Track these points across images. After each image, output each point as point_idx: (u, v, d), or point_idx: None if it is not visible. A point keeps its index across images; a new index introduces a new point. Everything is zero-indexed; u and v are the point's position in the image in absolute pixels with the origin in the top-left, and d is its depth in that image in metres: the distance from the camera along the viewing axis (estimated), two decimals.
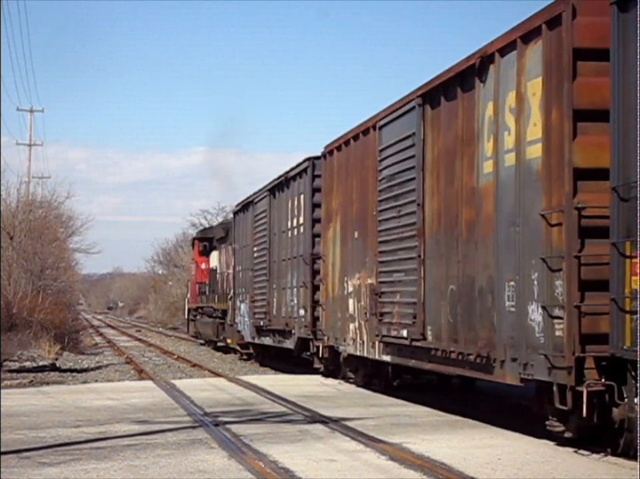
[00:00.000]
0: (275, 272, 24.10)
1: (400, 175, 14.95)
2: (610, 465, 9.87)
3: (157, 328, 71.23)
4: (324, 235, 19.80)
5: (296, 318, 21.75)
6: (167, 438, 11.64)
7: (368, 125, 16.78)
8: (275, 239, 24.18)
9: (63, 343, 33.83)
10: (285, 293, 22.96)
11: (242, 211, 29.23)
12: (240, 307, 29.10)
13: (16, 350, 28.06)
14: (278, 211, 23.92)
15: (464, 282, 12.62)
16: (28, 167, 57.09)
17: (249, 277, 27.14)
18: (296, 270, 21.96)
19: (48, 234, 44.69)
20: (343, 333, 18.16)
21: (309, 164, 21.11)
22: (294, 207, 22.28)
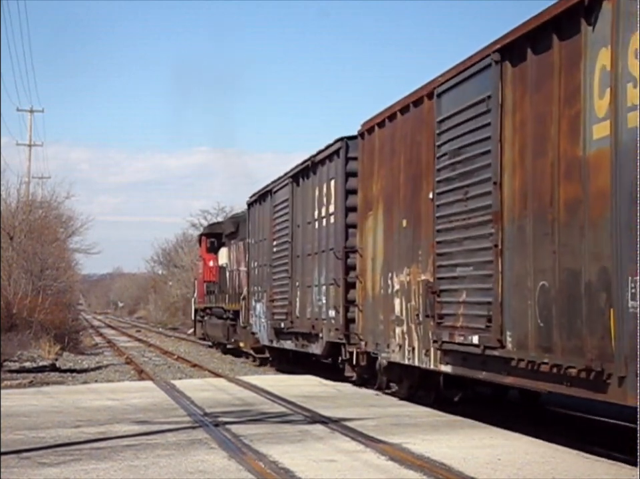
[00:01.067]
0: (299, 268, 21.83)
1: (467, 149, 12.50)
2: (610, 465, 9.87)
3: (157, 328, 71.26)
4: (361, 226, 17.42)
5: (324, 320, 19.48)
6: (167, 439, 11.63)
7: (421, 94, 14.39)
8: (298, 231, 21.95)
9: (63, 343, 33.87)
10: (311, 291, 20.67)
11: (258, 202, 26.77)
12: (255, 307, 26.82)
13: (16, 351, 28.08)
14: (302, 200, 21.63)
15: (562, 277, 10.11)
16: (28, 168, 57.24)
17: (267, 274, 24.88)
18: (324, 266, 19.68)
19: (48, 234, 44.71)
20: (386, 338, 15.81)
21: (342, 145, 18.62)
22: (322, 195, 19.94)
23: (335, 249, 18.72)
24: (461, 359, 12.83)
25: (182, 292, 72.59)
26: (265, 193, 25.50)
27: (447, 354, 13.26)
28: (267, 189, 25.22)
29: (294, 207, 22.19)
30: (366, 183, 17.17)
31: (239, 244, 31.23)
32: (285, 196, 22.94)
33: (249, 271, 27.88)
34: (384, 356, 16.03)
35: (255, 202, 27.16)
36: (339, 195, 18.72)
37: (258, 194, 26.49)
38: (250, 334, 27.56)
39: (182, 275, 73.82)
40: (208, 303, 37.84)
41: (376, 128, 16.65)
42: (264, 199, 25.76)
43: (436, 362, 13.71)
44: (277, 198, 23.85)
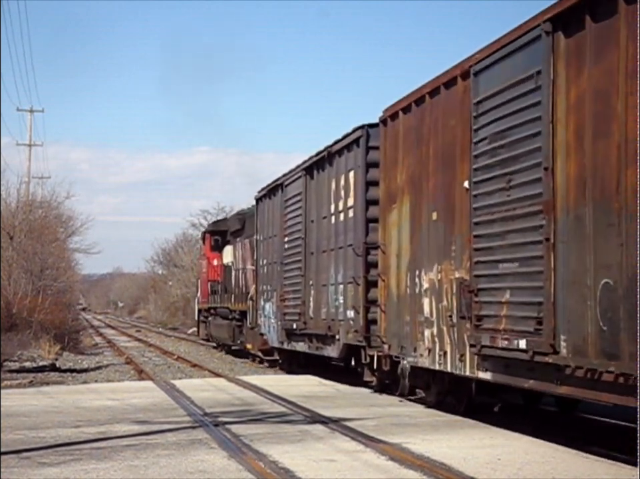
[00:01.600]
0: (313, 266, 20.46)
1: (512, 132, 11.15)
2: (610, 465, 9.88)
3: (157, 328, 71.25)
4: (384, 220, 16.00)
5: (342, 321, 18.05)
6: (167, 438, 11.64)
7: (453, 74, 13.07)
8: (312, 226, 20.56)
9: (63, 343, 33.85)
10: (327, 290, 19.24)
11: (267, 197, 25.21)
12: (264, 308, 25.29)
13: (16, 351, 28.06)
14: (317, 193, 20.25)
15: (630, 274, 8.90)
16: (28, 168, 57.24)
17: (277, 272, 23.41)
18: (342, 263, 18.25)
19: (48, 234, 44.71)
20: (413, 341, 14.45)
21: (362, 133, 17.23)
22: (339, 187, 18.58)
23: (354, 245, 17.38)
24: (503, 366, 11.52)
25: (182, 292, 72.62)
26: (275, 187, 24.03)
27: (486, 360, 11.89)
28: (277, 182, 23.76)
29: (307, 201, 20.86)
30: (390, 174, 15.76)
31: (245, 242, 30.15)
32: (297, 190, 21.57)
33: (257, 269, 26.45)
34: (410, 360, 14.64)
35: (264, 197, 25.69)
36: (359, 188, 17.38)
37: (267, 188, 25.03)
38: (258, 335, 26.23)
39: (182, 275, 73.83)
40: (212, 303, 36.40)
41: (400, 113, 15.27)
42: (274, 194, 24.29)
43: (473, 369, 12.29)
44: (289, 192, 22.41)
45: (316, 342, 20.15)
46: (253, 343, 27.60)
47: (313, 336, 20.35)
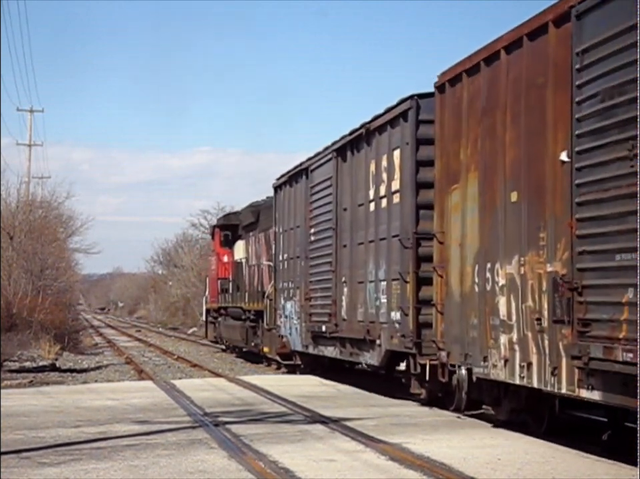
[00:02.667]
0: (346, 260, 18.00)
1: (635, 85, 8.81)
2: (610, 465, 9.88)
3: (157, 328, 71.27)
4: (441, 204, 13.62)
5: (384, 323, 15.72)
6: (167, 438, 11.64)
7: (542, 20, 10.76)
8: (345, 215, 18.14)
9: (63, 343, 33.88)
10: (364, 288, 16.86)
11: (288, 184, 22.73)
12: (284, 307, 22.98)
13: (16, 350, 28.09)
14: (351, 177, 17.82)
15: None
16: (28, 168, 57.25)
17: (301, 267, 21.20)
18: (384, 257, 15.86)
19: (48, 234, 44.72)
20: (482, 348, 12.03)
21: (411, 105, 14.82)
22: (380, 169, 16.12)
23: (401, 235, 14.97)
24: (620, 384, 9.18)
25: (182, 292, 72.64)
26: (299, 173, 21.61)
27: (593, 376, 9.58)
28: (301, 167, 21.34)
29: (339, 186, 18.49)
30: (449, 150, 13.39)
31: (260, 236, 28.18)
32: (326, 175, 19.27)
33: (275, 265, 24.15)
34: (478, 371, 12.21)
35: (285, 184, 23.08)
36: (407, 169, 14.93)
37: (288, 174, 22.56)
38: (277, 337, 23.90)
39: (182, 275, 73.83)
40: (223, 303, 33.88)
41: (464, 76, 12.80)
42: (297, 180, 21.88)
43: (572, 386, 10.01)
44: (316, 178, 20.13)
45: (350, 348, 17.76)
46: (270, 346, 25.40)
47: (347, 341, 17.95)
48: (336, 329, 18.36)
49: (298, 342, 21.62)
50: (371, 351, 16.55)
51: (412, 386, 15.19)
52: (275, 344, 24.23)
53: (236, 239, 32.96)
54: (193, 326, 63.60)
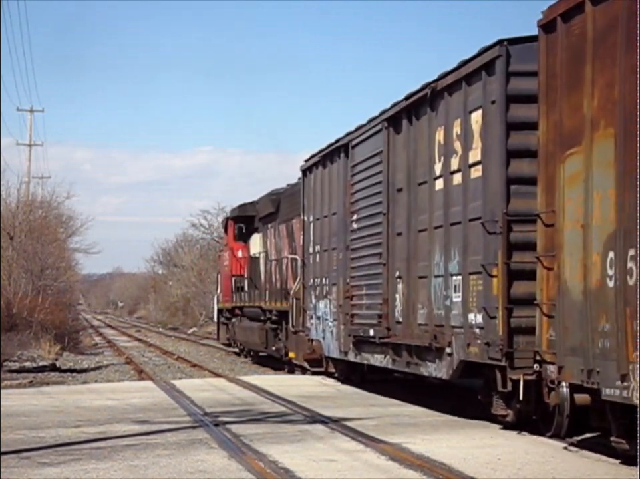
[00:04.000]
0: (402, 251, 15.12)
1: None
2: (610, 465, 9.88)
3: (157, 328, 71.27)
4: (548, 176, 10.90)
5: (458, 328, 12.93)
6: (167, 438, 11.64)
7: None
8: (400, 197, 15.32)
9: (63, 343, 33.90)
10: (428, 285, 14.01)
11: (320, 165, 19.90)
12: (316, 307, 20.20)
13: (16, 350, 28.10)
14: (408, 151, 14.95)
15: None
16: (28, 168, 57.32)
17: (339, 261, 18.34)
18: (457, 245, 13.04)
19: (48, 234, 44.73)
20: (622, 363, 9.08)
21: (500, 53, 11.97)
22: (451, 138, 13.33)
23: (484, 217, 12.21)
24: None
25: (182, 292, 72.63)
26: (335, 151, 18.75)
27: None
28: (337, 144, 18.49)
29: (391, 163, 15.65)
30: (562, 104, 10.66)
31: (281, 227, 25.53)
32: (373, 149, 16.41)
33: (304, 259, 21.33)
34: (611, 393, 9.32)
35: (316, 166, 20.24)
36: (492, 134, 12.19)
37: (322, 154, 19.67)
38: (306, 341, 21.10)
39: (182, 274, 73.83)
40: (238, 302, 30.69)
41: (587, 5, 10.04)
42: (332, 160, 19.05)
43: None
44: (358, 154, 17.30)
45: (407, 356, 14.91)
46: (297, 350, 22.55)
47: (402, 348, 15.08)
48: (388, 334, 15.50)
49: (334, 347, 18.76)
50: (438, 361, 13.67)
51: (494, 405, 12.46)
52: (302, 348, 21.66)
53: (252, 232, 30.06)
54: (193, 327, 63.63)
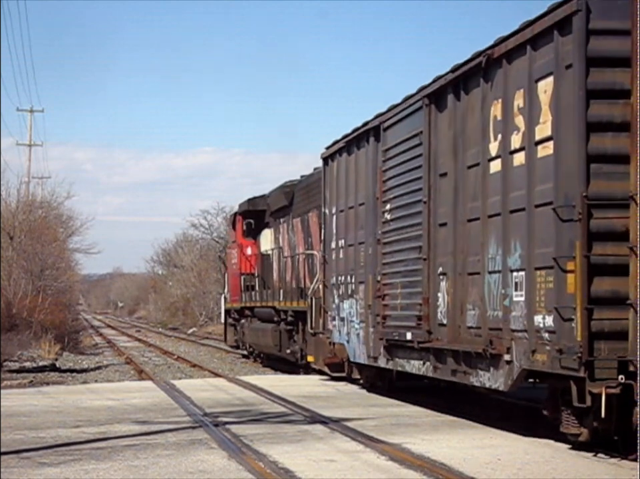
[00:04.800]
0: (446, 244, 13.28)
1: None
2: (610, 465, 9.88)
3: (157, 328, 71.30)
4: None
5: (520, 331, 11.09)
6: (167, 439, 11.64)
7: None
8: (443, 183, 13.45)
9: (63, 343, 33.93)
10: (481, 282, 12.14)
11: (345, 152, 17.93)
12: (339, 307, 18.22)
13: (16, 351, 28.12)
14: (454, 129, 13.05)
15: None
16: (28, 168, 57.47)
17: (368, 256, 16.48)
18: (520, 235, 11.16)
19: (48, 234, 44.75)
20: None
21: (579, 7, 10.17)
22: (511, 112, 11.46)
23: (557, 202, 10.46)
24: None
25: (182, 292, 72.66)
26: (363, 135, 16.91)
27: None
28: (366, 127, 16.65)
29: (433, 144, 13.82)
30: None
31: (295, 221, 24.09)
32: (410, 131, 14.64)
33: (324, 255, 19.42)
34: None
35: (339, 153, 18.34)
36: (567, 105, 10.43)
37: (346, 139, 17.77)
38: (327, 344, 19.20)
39: (182, 275, 73.86)
40: (247, 302, 28.88)
41: None
42: (359, 145, 17.23)
43: None
44: (392, 137, 15.50)
45: (453, 363, 12.99)
46: (316, 354, 20.67)
47: (448, 354, 13.17)
48: (429, 338, 13.67)
49: (361, 351, 16.89)
50: (493, 370, 11.86)
51: (563, 422, 10.76)
52: (323, 352, 19.78)
53: (262, 228, 28.39)
54: (193, 327, 63.68)
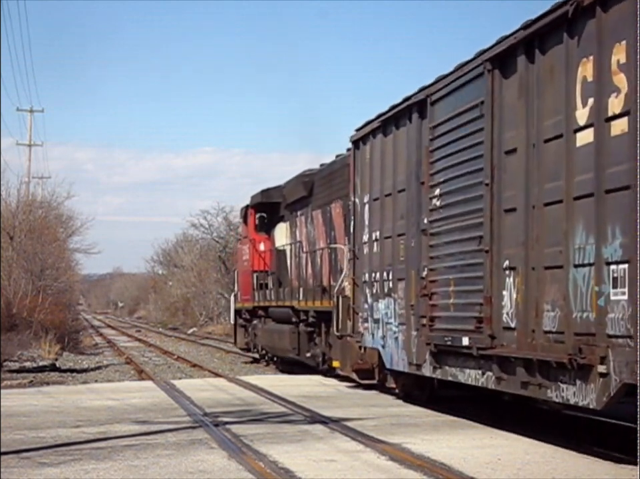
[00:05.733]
0: (516, 233, 11.15)
1: None
2: (610, 465, 9.88)
3: (157, 328, 71.30)
4: None
5: (621, 337, 9.17)
6: (167, 438, 11.64)
7: None
8: (512, 162, 11.35)
9: (63, 343, 33.94)
10: (564, 277, 10.10)
11: (380, 133, 15.97)
12: (372, 308, 16.30)
13: (16, 351, 28.11)
14: (527, 98, 11.00)
15: None
16: (28, 168, 57.46)
17: (409, 249, 14.52)
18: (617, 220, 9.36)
19: (48, 234, 44.76)
20: None
21: None
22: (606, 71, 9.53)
23: None
24: None
25: (182, 292, 72.67)
26: (403, 112, 14.93)
27: None
28: (409, 102, 14.64)
29: (498, 116, 11.77)
30: None
31: (316, 214, 22.35)
32: (467, 102, 12.60)
33: (353, 249, 17.58)
34: None
35: (372, 134, 16.43)
36: None
37: (382, 118, 15.82)
38: (356, 349, 17.45)
39: (182, 274, 73.87)
40: (261, 301, 26.86)
41: None
42: (398, 124, 15.27)
43: None
44: (441, 112, 13.54)
45: (525, 375, 10.89)
46: (343, 359, 18.91)
47: (518, 363, 11.03)
48: (491, 344, 11.65)
49: (400, 357, 14.97)
50: (581, 384, 9.95)
51: None
52: (352, 358, 17.95)
53: (277, 222, 26.67)
54: (193, 327, 63.68)
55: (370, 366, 16.98)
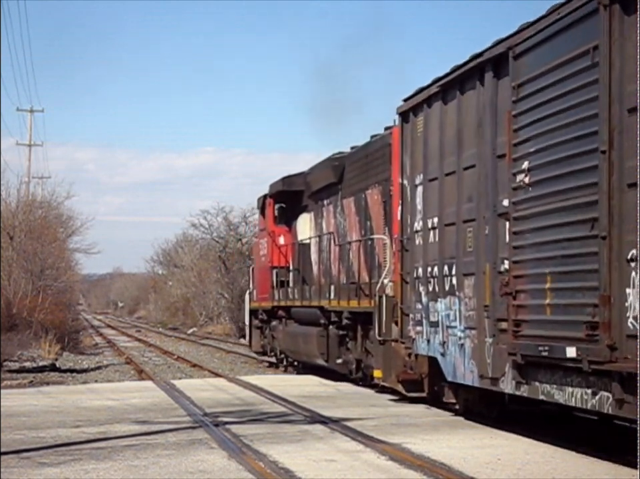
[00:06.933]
0: None
1: None
2: (610, 465, 9.87)
3: (157, 328, 71.29)
4: None
5: None
6: (167, 438, 11.64)
7: None
8: (635, 123, 8.75)
9: (63, 343, 33.92)
10: None
11: (439, 100, 13.58)
12: (428, 308, 13.93)
13: (16, 351, 28.10)
14: None
15: None
16: (28, 168, 57.44)
17: (480, 238, 12.08)
18: None
19: (48, 234, 44.73)
20: None
21: None
22: None
23: None
24: None
25: (182, 292, 72.62)
26: (472, 73, 12.52)
27: None
28: (479, 60, 12.24)
29: (618, 65, 9.12)
30: None
31: (346, 202, 20.22)
32: (569, 51, 9.92)
33: (402, 240, 15.27)
34: None
35: (427, 103, 14.17)
36: None
37: (441, 82, 13.47)
38: (403, 356, 15.41)
39: (182, 274, 73.81)
40: (282, 300, 24.09)
41: None
42: (463, 88, 12.89)
43: None
44: (530, 67, 10.81)
45: None
46: (386, 368, 16.17)
47: None
48: (611, 356, 9.03)
49: (467, 369, 12.59)
50: None
51: None
52: (396, 367, 15.74)
53: (299, 212, 24.10)
54: (193, 327, 63.65)
55: (419, 376, 14.86)
